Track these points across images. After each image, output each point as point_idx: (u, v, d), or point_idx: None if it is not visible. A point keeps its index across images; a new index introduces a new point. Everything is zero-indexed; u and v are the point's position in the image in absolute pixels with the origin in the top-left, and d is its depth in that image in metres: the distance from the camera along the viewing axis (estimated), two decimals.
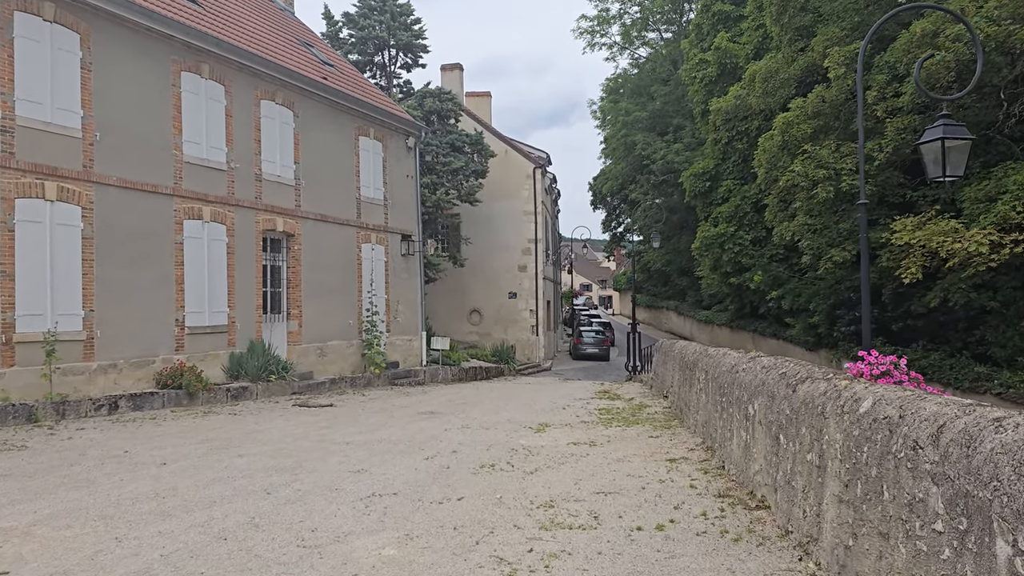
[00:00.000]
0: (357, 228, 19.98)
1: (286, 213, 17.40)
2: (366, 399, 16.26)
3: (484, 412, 14.20)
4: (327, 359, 18.53)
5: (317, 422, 12.39)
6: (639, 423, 12.68)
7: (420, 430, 11.78)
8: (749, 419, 7.26)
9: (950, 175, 7.91)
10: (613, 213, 59.04)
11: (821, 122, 19.32)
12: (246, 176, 16.27)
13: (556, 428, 12.09)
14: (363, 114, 20.26)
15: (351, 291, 19.65)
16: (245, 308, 16.09)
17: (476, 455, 9.56)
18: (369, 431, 11.58)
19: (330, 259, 18.86)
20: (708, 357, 10.64)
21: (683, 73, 34.50)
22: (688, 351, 13.48)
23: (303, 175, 18.00)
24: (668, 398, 16.20)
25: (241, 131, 16.16)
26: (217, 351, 15.34)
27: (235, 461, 8.96)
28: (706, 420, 10.09)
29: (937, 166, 7.88)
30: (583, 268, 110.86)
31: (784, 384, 6.24)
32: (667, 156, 42.02)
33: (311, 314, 18.07)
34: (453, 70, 36.97)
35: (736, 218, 30.44)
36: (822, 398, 5.17)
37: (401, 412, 13.96)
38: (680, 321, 52.66)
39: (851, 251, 19.19)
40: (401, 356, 21.56)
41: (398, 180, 21.99)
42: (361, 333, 19.79)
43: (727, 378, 8.59)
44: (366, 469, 8.61)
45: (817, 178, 18.07)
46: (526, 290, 35.19)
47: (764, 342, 33.80)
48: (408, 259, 22.21)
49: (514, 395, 18.47)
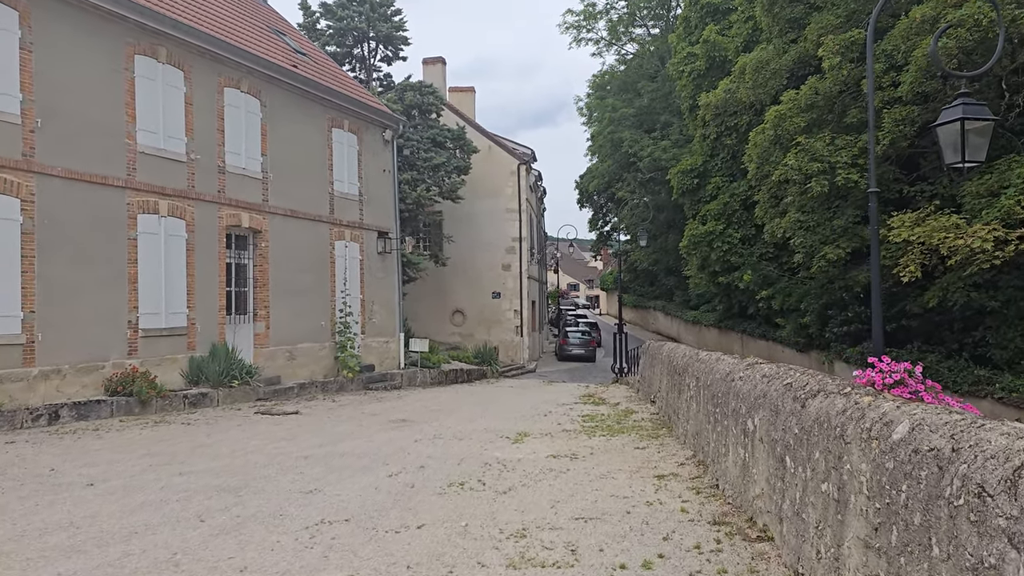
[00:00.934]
0: (330, 224, 19.03)
1: (252, 208, 16.44)
2: (336, 405, 15.33)
3: (460, 420, 13.32)
4: (297, 363, 17.58)
5: (277, 432, 11.46)
6: (624, 432, 11.83)
7: (388, 441, 10.89)
8: (748, 435, 6.41)
9: (970, 160, 7.08)
10: (600, 212, 58.29)
11: (815, 115, 18.54)
12: (208, 168, 15.31)
13: (535, 438, 11.22)
14: (337, 105, 19.31)
15: (323, 291, 18.70)
16: (207, 309, 15.13)
17: (445, 471, 8.68)
18: (332, 443, 10.66)
19: (301, 257, 17.92)
20: (699, 362, 9.79)
21: (671, 67, 33.70)
22: (677, 354, 12.64)
23: (271, 168, 17.04)
24: (655, 403, 15.38)
25: (203, 120, 15.20)
26: (175, 355, 14.37)
27: (174, 480, 8.03)
28: (697, 431, 9.24)
29: (955, 151, 7.05)
30: (570, 268, 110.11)
31: (791, 397, 5.39)
32: (654, 153, 41.24)
33: (280, 315, 17.12)
34: (435, 64, 36.04)
35: (725, 216, 29.65)
36: (841, 417, 4.31)
37: (371, 420, 13.05)
38: (667, 321, 51.92)
39: (846, 248, 18.42)
40: (377, 359, 20.63)
41: (374, 175, 21.05)
42: (334, 335, 18.84)
43: (721, 387, 7.74)
44: (320, 489, 7.71)
45: (811, 171, 17.27)
46: (510, 290, 34.31)
47: (753, 343, 33.06)
48: (385, 257, 21.27)
49: (494, 400, 17.60)
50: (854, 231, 18.59)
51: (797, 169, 17.57)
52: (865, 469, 3.79)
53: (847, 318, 23.51)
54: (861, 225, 18.66)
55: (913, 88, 15.24)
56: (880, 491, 3.58)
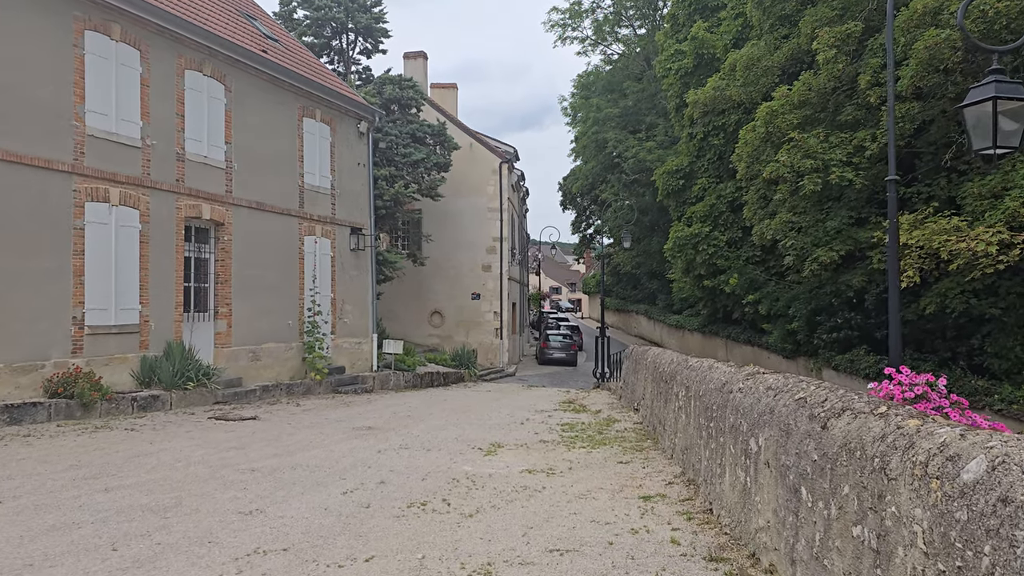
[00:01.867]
0: (300, 219, 18.05)
1: (214, 199, 15.44)
2: (299, 410, 14.36)
3: (430, 428, 12.40)
4: (261, 364, 16.59)
5: (228, 440, 10.50)
6: (606, 444, 10.97)
7: (349, 451, 9.96)
8: (750, 456, 5.55)
9: (1002, 147, 6.25)
10: (583, 214, 57.55)
11: (808, 112, 17.81)
12: (165, 155, 14.30)
13: (510, 449, 10.33)
14: (308, 93, 18.34)
15: (291, 288, 17.72)
16: (162, 305, 14.13)
17: (407, 488, 7.77)
18: (287, 453, 9.72)
19: (267, 252, 16.93)
20: (690, 370, 8.94)
21: (657, 64, 32.97)
22: (663, 361, 11.81)
23: (236, 157, 16.06)
24: (639, 411, 14.54)
25: (160, 104, 14.20)
26: (125, 354, 13.35)
27: (95, 498, 7.07)
28: (687, 446, 8.39)
29: (985, 136, 6.22)
30: (552, 270, 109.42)
31: (806, 415, 4.53)
32: (639, 154, 40.52)
33: (243, 313, 16.13)
34: (417, 59, 35.10)
35: (711, 218, 28.93)
36: (880, 445, 3.45)
37: (334, 427, 12.10)
38: (650, 325, 51.21)
39: (839, 251, 17.67)
40: (348, 361, 19.66)
41: (348, 168, 20.10)
42: (302, 335, 17.87)
43: (716, 398, 6.89)
44: (262, 509, 6.78)
45: (804, 169, 16.51)
46: (490, 291, 33.41)
47: (738, 348, 32.36)
48: (358, 254, 20.32)
49: (469, 406, 16.69)
50: (848, 233, 17.87)
51: (789, 166, 16.81)
52: (921, 516, 2.93)
53: (836, 324, 22.82)
54: (855, 227, 17.94)
55: (914, 82, 14.51)
56: (947, 549, 2.71)
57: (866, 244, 17.45)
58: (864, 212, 18.13)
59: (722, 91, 22.08)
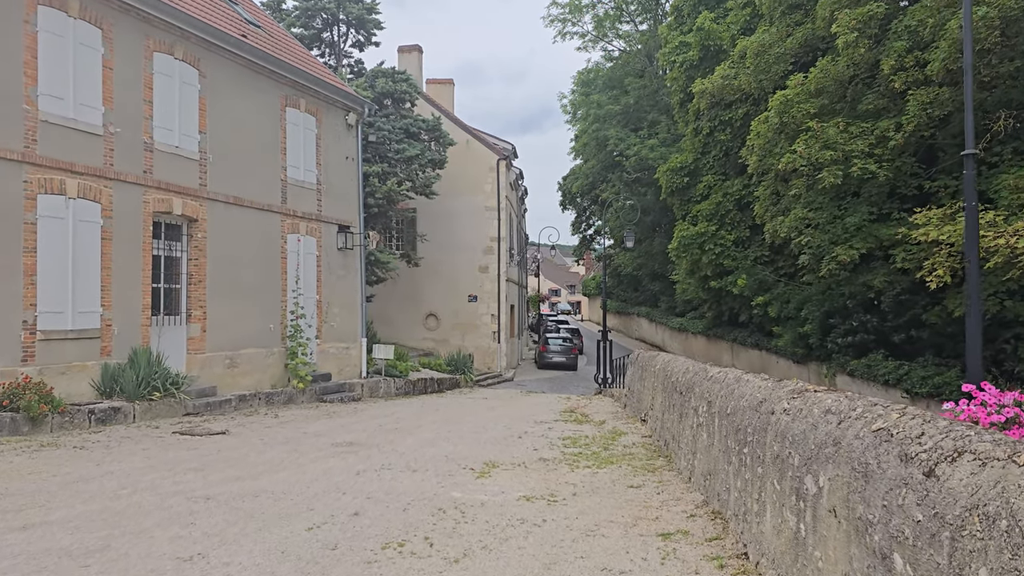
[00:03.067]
0: (282, 215, 16.89)
1: (187, 193, 14.28)
2: (276, 422, 13.18)
3: (419, 443, 11.23)
4: (239, 371, 15.42)
5: (187, 460, 9.33)
6: (613, 462, 9.81)
7: (324, 473, 8.79)
8: (804, 498, 4.39)
9: None
10: (583, 214, 56.41)
11: (825, 101, 16.66)
12: (131, 144, 13.14)
13: (506, 470, 9.17)
14: (292, 82, 17.19)
15: (273, 289, 16.55)
16: (127, 308, 12.96)
17: (385, 521, 6.62)
18: (252, 476, 8.55)
19: (246, 251, 15.77)
20: (712, 382, 7.77)
21: (661, 57, 31.82)
22: (676, 369, 10.65)
23: (211, 148, 14.89)
24: (647, 423, 13.39)
25: (125, 88, 13.04)
26: (85, 362, 12.17)
27: (6, 539, 5.90)
28: (710, 470, 7.23)
29: None
30: (551, 272, 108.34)
31: (895, 455, 3.36)
32: (641, 152, 39.39)
33: (219, 316, 14.97)
34: (411, 52, 33.97)
35: (717, 216, 27.76)
36: None
37: (312, 443, 10.93)
38: (651, 328, 50.04)
39: (859, 249, 16.48)
40: (335, 367, 18.49)
41: (335, 162, 18.94)
42: (285, 340, 16.70)
43: (751, 419, 5.73)
44: (205, 554, 5.62)
45: (823, 161, 15.36)
46: (488, 293, 32.25)
47: (744, 352, 31.20)
48: (346, 254, 19.15)
49: (463, 415, 15.53)
50: (869, 230, 16.69)
51: (807, 158, 15.66)
52: None
53: (851, 327, 21.64)
54: (876, 224, 16.77)
55: (946, 65, 13.33)
56: None
57: (889, 242, 16.30)
58: (886, 207, 16.98)
59: (730, 80, 20.94)
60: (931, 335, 20.15)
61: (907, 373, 18.91)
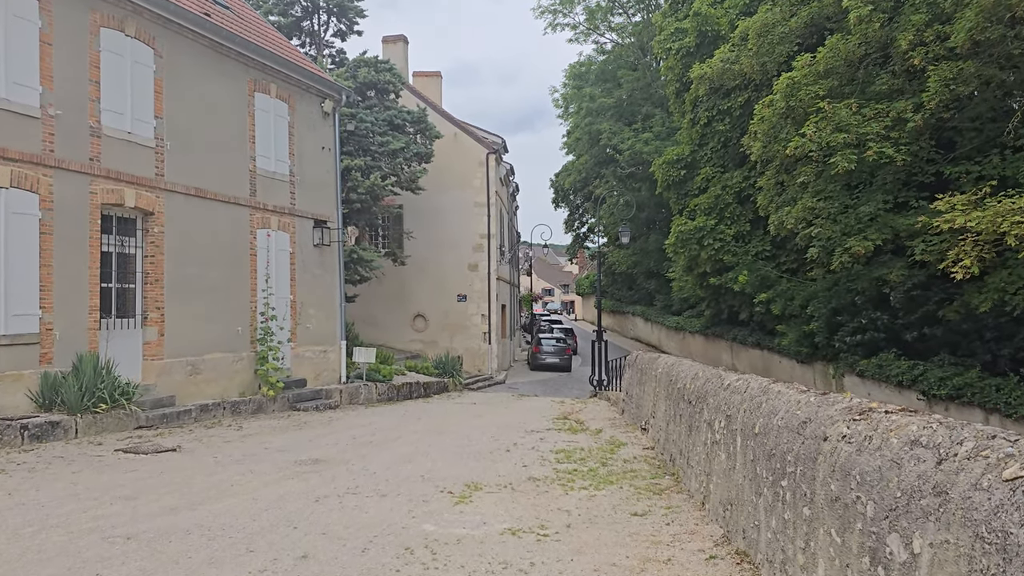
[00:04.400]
0: (251, 209, 15.61)
1: (141, 183, 13.00)
2: (238, 436, 11.90)
3: (394, 459, 9.98)
4: (203, 378, 14.14)
5: (120, 486, 8.06)
6: (613, 481, 8.58)
7: (277, 500, 7.53)
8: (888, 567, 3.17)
9: None
10: (576, 212, 55.20)
11: (835, 82, 15.47)
12: (75, 129, 11.85)
13: (490, 493, 7.94)
14: (261, 65, 15.91)
15: (241, 289, 15.28)
16: (71, 310, 11.67)
17: (339, 567, 5.39)
18: (191, 505, 7.29)
19: (210, 247, 14.49)
20: (730, 392, 6.54)
21: (656, 44, 30.61)
22: (681, 374, 9.44)
23: (169, 135, 13.61)
24: (648, 432, 12.18)
25: (68, 67, 11.75)
26: (20, 370, 10.88)
27: None
28: (731, 499, 6.00)
29: None
30: (544, 272, 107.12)
31: None
32: (635, 146, 38.23)
33: (180, 319, 13.69)
34: (396, 43, 32.70)
35: (716, 210, 26.58)
36: None
37: (272, 461, 9.67)
38: (647, 327, 48.84)
39: (875, 240, 15.28)
40: (312, 372, 17.22)
41: (311, 152, 17.67)
42: (254, 343, 15.43)
43: (791, 444, 4.51)
44: None
45: (835, 145, 14.16)
46: (477, 292, 30.99)
47: (745, 352, 30.01)
48: (323, 250, 17.88)
49: (448, 424, 14.29)
50: (884, 220, 15.49)
51: (817, 142, 14.46)
52: None
53: (860, 325, 20.48)
54: (892, 213, 15.58)
55: (972, 36, 12.13)
56: None
57: (906, 232, 15.12)
58: (901, 196, 15.81)
59: (731, 65, 19.72)
60: (945, 332, 19.01)
61: (923, 374, 17.75)
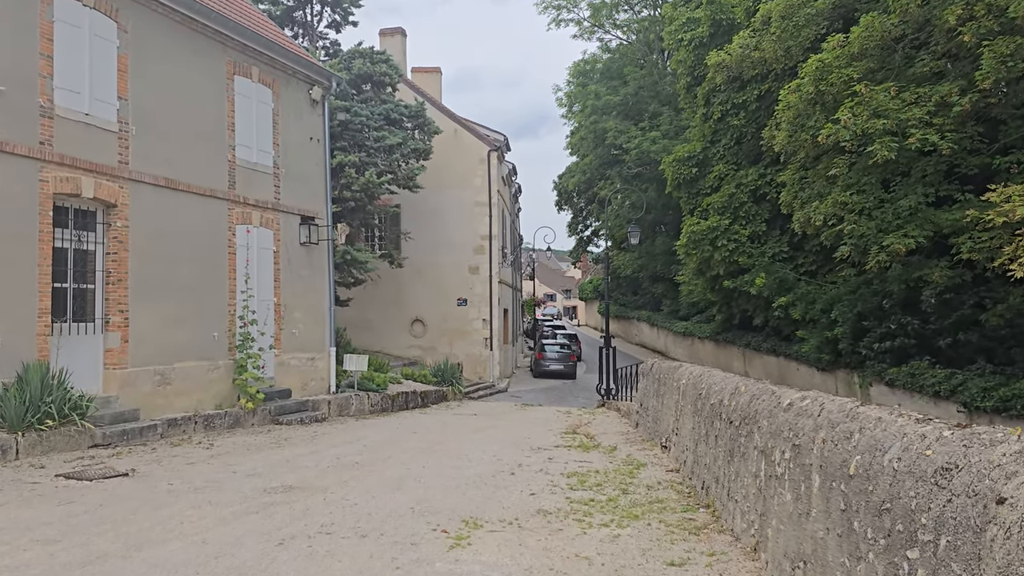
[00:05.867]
0: (230, 203, 14.25)
1: (101, 171, 11.63)
2: (207, 455, 10.49)
3: (381, 485, 8.58)
4: (174, 389, 12.75)
5: (47, 523, 6.66)
6: (638, 516, 7.18)
7: (232, 545, 6.12)
8: None
9: None
10: (580, 215, 53.81)
11: (871, 64, 14.11)
12: (22, 108, 10.49)
13: (492, 531, 6.56)
14: (241, 45, 14.56)
15: (218, 291, 13.91)
16: (16, 313, 10.29)
17: None
18: (124, 551, 5.90)
19: (182, 244, 13.12)
20: (799, 416, 5.11)
21: (667, 35, 29.27)
22: (714, 387, 8.04)
23: (135, 118, 12.25)
24: (670, 450, 10.79)
25: (14, 39, 10.39)
26: None
27: None
28: (805, 554, 4.58)
29: None
30: (546, 277, 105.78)
31: None
32: (642, 145, 36.88)
33: (147, 323, 12.31)
34: (394, 35, 31.39)
35: (730, 209, 25.19)
36: None
37: (237, 489, 8.26)
38: (652, 333, 47.42)
39: (916, 237, 13.88)
40: (298, 381, 15.83)
41: (297, 143, 16.31)
42: (233, 350, 14.05)
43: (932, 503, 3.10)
44: None
45: (873, 132, 12.77)
46: (478, 296, 29.60)
47: (759, 359, 28.58)
48: (311, 249, 16.51)
49: (446, 440, 12.89)
50: (925, 215, 14.09)
51: (852, 129, 13.07)
52: None
53: (889, 330, 19.06)
54: (934, 207, 14.18)
55: None
56: None
57: (949, 228, 13.74)
58: (942, 189, 14.43)
59: (751, 51, 18.34)
60: (981, 339, 17.63)
61: (963, 383, 16.33)
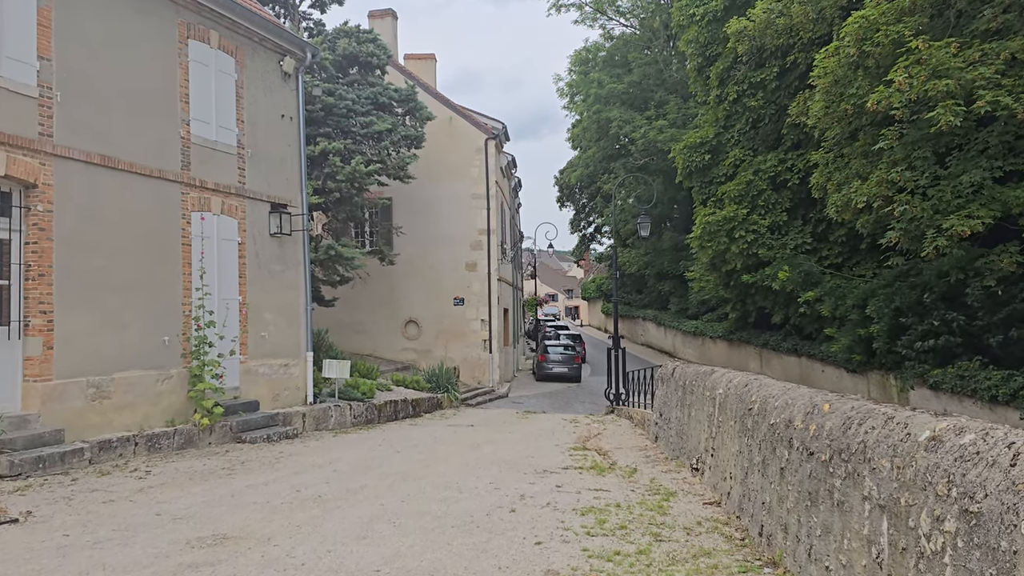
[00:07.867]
0: (183, 185, 12.30)
1: (16, 144, 9.69)
2: (136, 488, 8.51)
3: (343, 532, 6.61)
4: (113, 404, 10.79)
5: None
6: None
7: None
8: None
9: None
10: (582, 211, 51.90)
11: (925, 18, 12.14)
12: None
13: None
14: (197, 5, 12.60)
15: (169, 288, 11.95)
16: None
17: None
18: None
19: (123, 232, 11.16)
20: (961, 459, 3.18)
21: (676, 12, 27.29)
22: (775, 401, 6.13)
23: (60, 83, 10.31)
24: (704, 475, 8.84)
25: None
26: None
27: None
28: None
29: None
30: (548, 277, 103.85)
31: None
32: (648, 135, 34.93)
33: (78, 326, 10.37)
34: (384, 17, 29.44)
35: (748, 198, 23.23)
36: None
37: (150, 542, 6.28)
38: (659, 333, 45.43)
39: (983, 218, 11.90)
40: (268, 392, 13.88)
41: (266, 120, 14.37)
42: (189, 358, 12.10)
43: None
44: None
45: (935, 95, 10.81)
46: (476, 295, 27.65)
47: (777, 360, 26.59)
48: (283, 241, 14.57)
49: (435, 460, 10.92)
50: (991, 193, 12.11)
51: (906, 92, 11.10)
52: None
53: (931, 328, 17.08)
54: (999, 186, 12.22)
55: None
56: None
57: (1020, 209, 11.78)
58: (1008, 163, 12.47)
59: (775, 18, 16.38)
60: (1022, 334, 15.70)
61: None
